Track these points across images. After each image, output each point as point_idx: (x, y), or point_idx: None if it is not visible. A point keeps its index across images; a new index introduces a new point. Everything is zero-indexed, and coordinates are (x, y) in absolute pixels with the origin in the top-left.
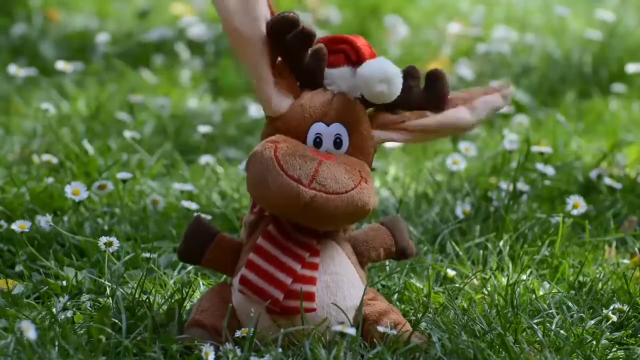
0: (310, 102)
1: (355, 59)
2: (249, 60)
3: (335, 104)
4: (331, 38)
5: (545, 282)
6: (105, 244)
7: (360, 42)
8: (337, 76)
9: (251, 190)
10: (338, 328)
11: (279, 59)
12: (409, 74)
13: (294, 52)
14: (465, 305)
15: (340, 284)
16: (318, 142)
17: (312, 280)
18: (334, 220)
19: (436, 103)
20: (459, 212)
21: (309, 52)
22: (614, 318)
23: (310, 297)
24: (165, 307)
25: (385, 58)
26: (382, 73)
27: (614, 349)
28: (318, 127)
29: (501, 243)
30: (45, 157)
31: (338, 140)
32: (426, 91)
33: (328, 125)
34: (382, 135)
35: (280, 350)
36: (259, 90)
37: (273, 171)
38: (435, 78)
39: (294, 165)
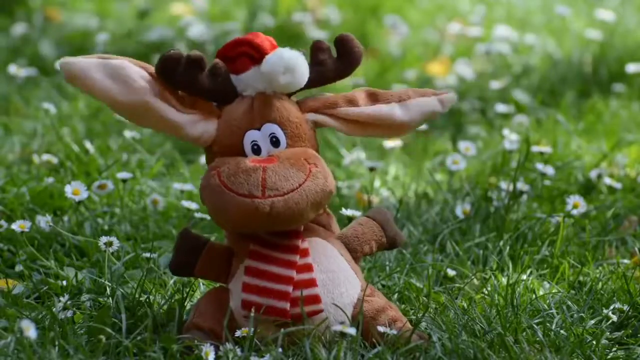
0: (233, 115)
1: (258, 57)
2: (149, 121)
3: (257, 107)
4: (230, 44)
5: (545, 282)
6: (105, 243)
7: (259, 38)
8: (248, 80)
9: (214, 220)
10: (338, 328)
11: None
12: (317, 48)
13: (190, 82)
14: (465, 305)
15: (336, 281)
16: (256, 149)
17: (312, 283)
18: (302, 216)
19: (351, 65)
20: (459, 212)
21: (205, 73)
22: (614, 318)
23: (315, 299)
24: (165, 307)
25: (283, 48)
26: (282, 64)
27: (614, 349)
28: (251, 135)
29: (501, 243)
30: (46, 157)
31: (274, 139)
32: (339, 58)
33: (259, 129)
34: (317, 119)
35: (280, 350)
36: (181, 136)
37: (225, 196)
38: (343, 41)
39: (241, 183)
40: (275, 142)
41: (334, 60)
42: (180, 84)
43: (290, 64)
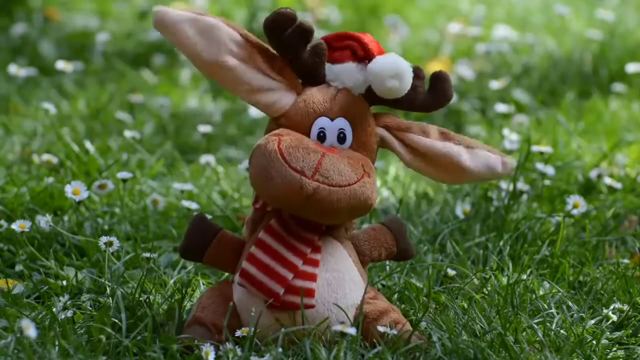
0: (313, 98)
1: (362, 54)
2: (227, 82)
3: (339, 100)
4: (337, 35)
5: (545, 282)
6: (105, 243)
7: (368, 38)
8: (342, 72)
9: (254, 182)
10: (338, 328)
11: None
12: (415, 74)
13: (292, 48)
14: (465, 305)
15: (341, 281)
16: (322, 137)
17: (312, 277)
18: (337, 214)
19: (439, 103)
20: (459, 212)
21: (308, 47)
22: (614, 318)
23: (309, 293)
24: (165, 306)
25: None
26: (394, 68)
27: (614, 349)
28: (322, 122)
29: (501, 243)
30: (46, 156)
31: (342, 135)
32: (430, 92)
33: (332, 120)
34: (385, 136)
35: (280, 349)
36: (255, 101)
37: (276, 163)
38: (440, 79)
39: (297, 157)
40: (341, 138)
41: (425, 92)
42: (281, 46)
43: (401, 70)
